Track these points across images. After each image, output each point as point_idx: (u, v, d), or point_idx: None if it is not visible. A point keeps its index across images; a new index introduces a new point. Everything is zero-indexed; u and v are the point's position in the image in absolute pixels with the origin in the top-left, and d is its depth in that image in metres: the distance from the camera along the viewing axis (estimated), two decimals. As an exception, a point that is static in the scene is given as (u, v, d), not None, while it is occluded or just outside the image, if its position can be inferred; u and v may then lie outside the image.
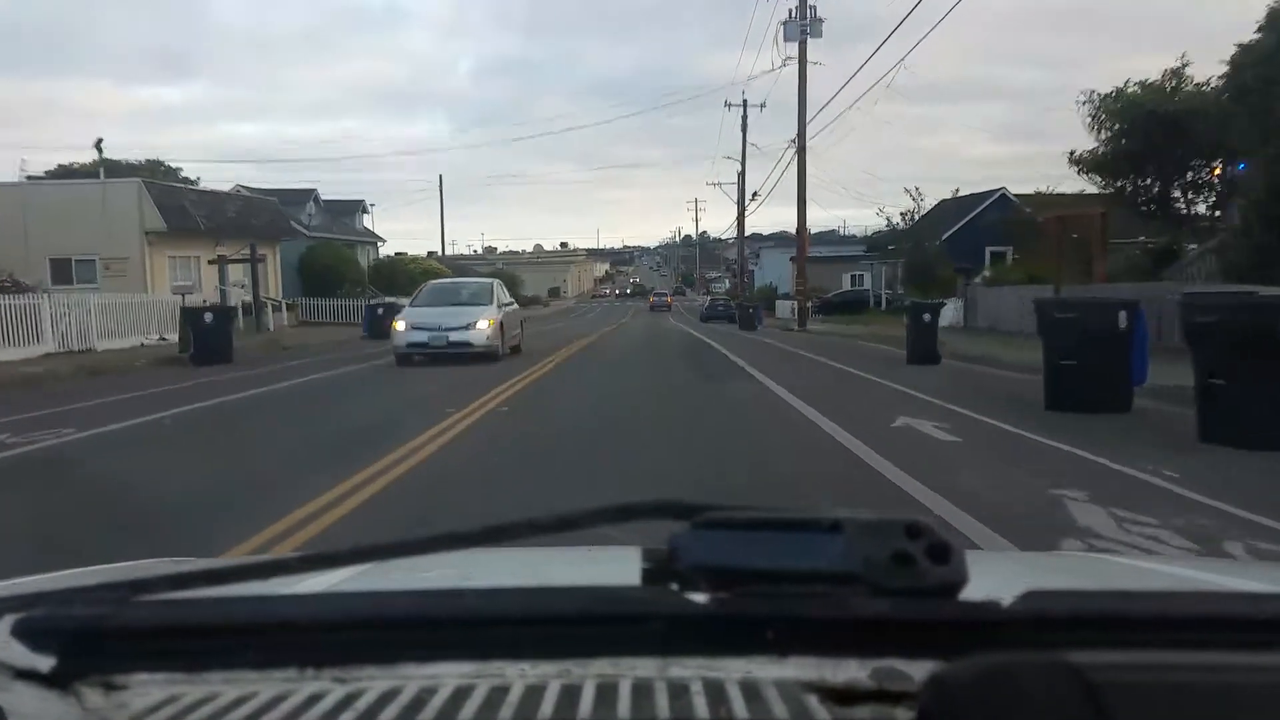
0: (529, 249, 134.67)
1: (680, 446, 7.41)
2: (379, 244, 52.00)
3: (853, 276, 61.06)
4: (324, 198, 53.84)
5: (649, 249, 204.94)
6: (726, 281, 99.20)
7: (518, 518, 0.76)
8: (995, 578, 1.19)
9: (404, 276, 48.17)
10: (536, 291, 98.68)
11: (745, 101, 58.67)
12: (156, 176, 38.63)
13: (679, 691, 0.70)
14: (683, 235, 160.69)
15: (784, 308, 51.08)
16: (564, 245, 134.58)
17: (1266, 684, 0.61)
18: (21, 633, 0.72)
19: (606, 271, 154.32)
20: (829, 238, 79.44)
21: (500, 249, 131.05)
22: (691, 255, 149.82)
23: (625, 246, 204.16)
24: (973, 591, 0.70)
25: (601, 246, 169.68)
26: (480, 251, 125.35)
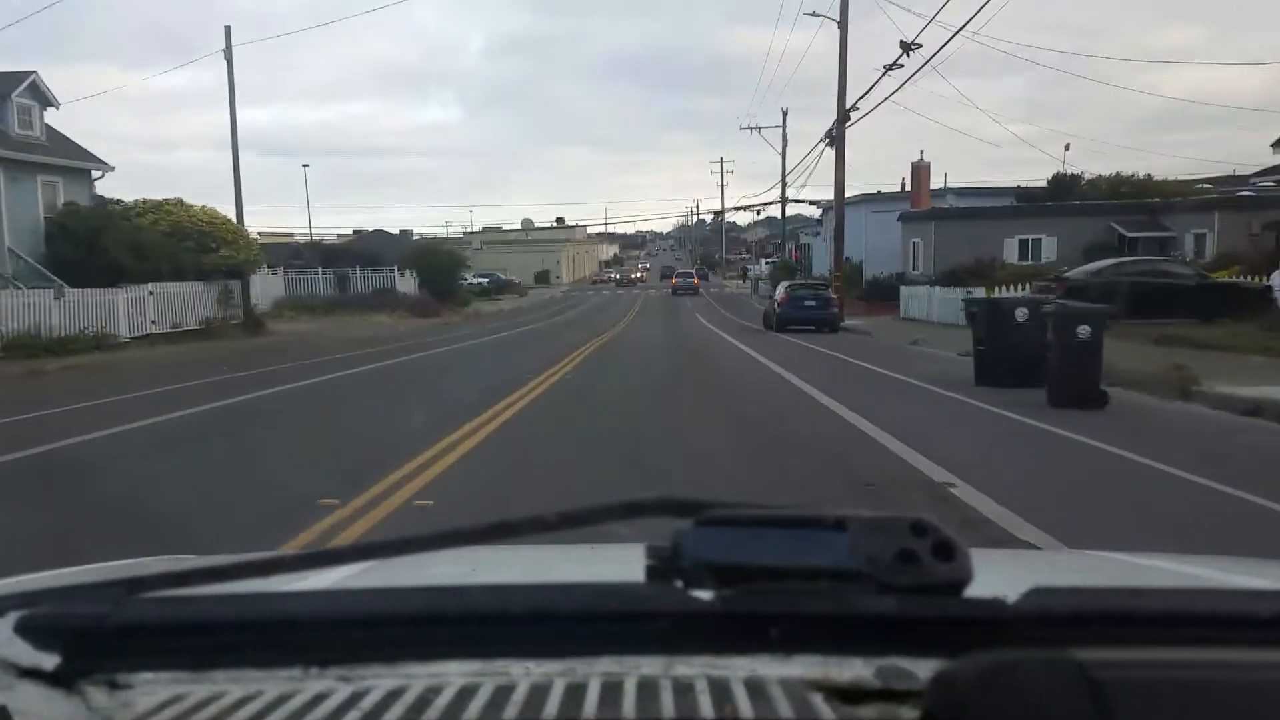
0: (517, 225, 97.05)
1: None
2: (93, 173, 17.83)
3: (1024, 243, 35.42)
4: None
5: (662, 234, 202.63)
6: (763, 263, 78.29)
7: (522, 515, 0.77)
8: (1000, 575, 1.20)
9: (120, 241, 23.52)
10: (522, 276, 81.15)
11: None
12: None
13: (684, 690, 0.71)
14: (696, 218, 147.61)
15: (922, 300, 29.59)
16: (560, 221, 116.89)
17: (1269, 680, 0.62)
18: (25, 631, 0.73)
19: (615, 254, 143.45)
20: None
21: (483, 224, 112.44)
22: (709, 238, 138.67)
23: (637, 231, 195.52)
24: (978, 589, 0.71)
25: (611, 230, 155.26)
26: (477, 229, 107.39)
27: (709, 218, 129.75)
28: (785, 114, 58.66)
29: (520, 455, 7.63)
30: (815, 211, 64.22)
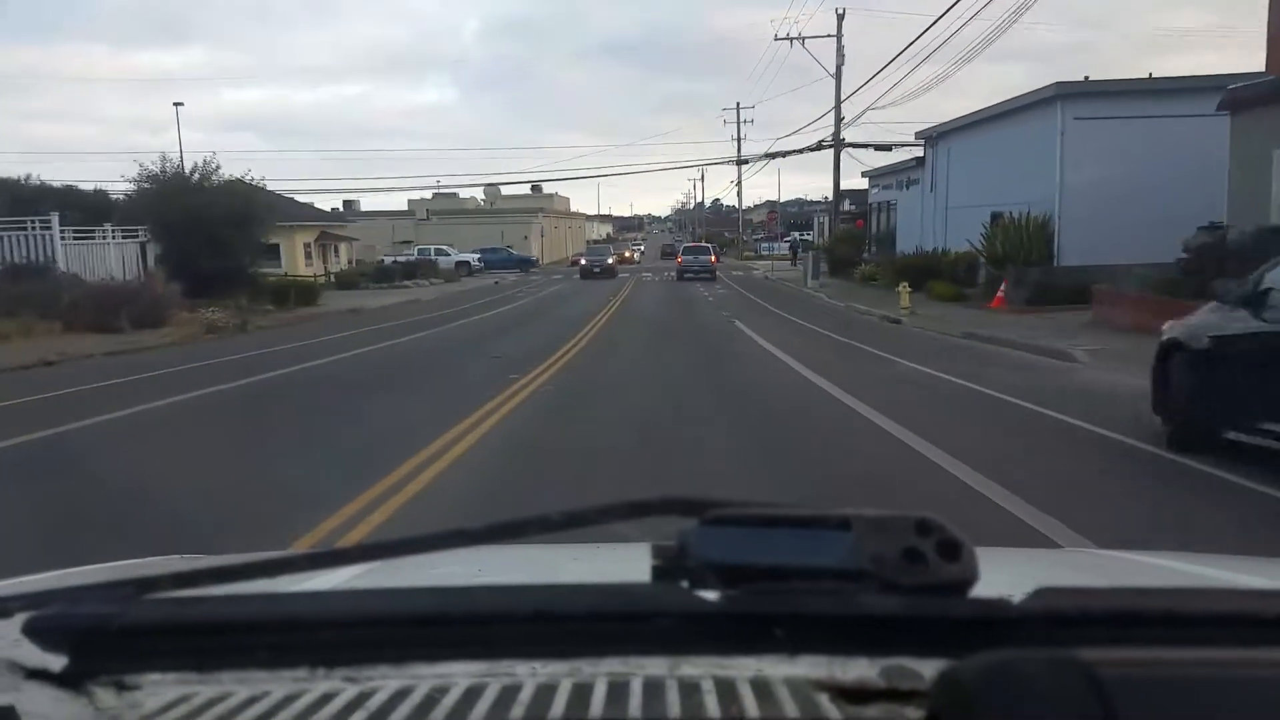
0: (480, 194, 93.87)
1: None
2: None
3: None
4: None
5: (660, 218, 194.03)
6: (795, 238, 64.67)
7: (527, 515, 0.81)
8: (1005, 575, 1.25)
9: None
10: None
11: None
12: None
13: (690, 690, 0.74)
14: (700, 196, 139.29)
15: None
16: (536, 189, 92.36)
17: (1273, 679, 0.64)
18: (33, 632, 0.76)
19: (609, 235, 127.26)
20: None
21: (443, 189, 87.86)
22: (709, 220, 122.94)
23: (634, 215, 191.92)
24: (983, 589, 0.74)
25: (606, 213, 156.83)
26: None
27: (710, 200, 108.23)
28: (841, 16, 41.63)
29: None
30: (860, 167, 40.88)
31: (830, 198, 43.36)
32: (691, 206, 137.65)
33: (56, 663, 0.75)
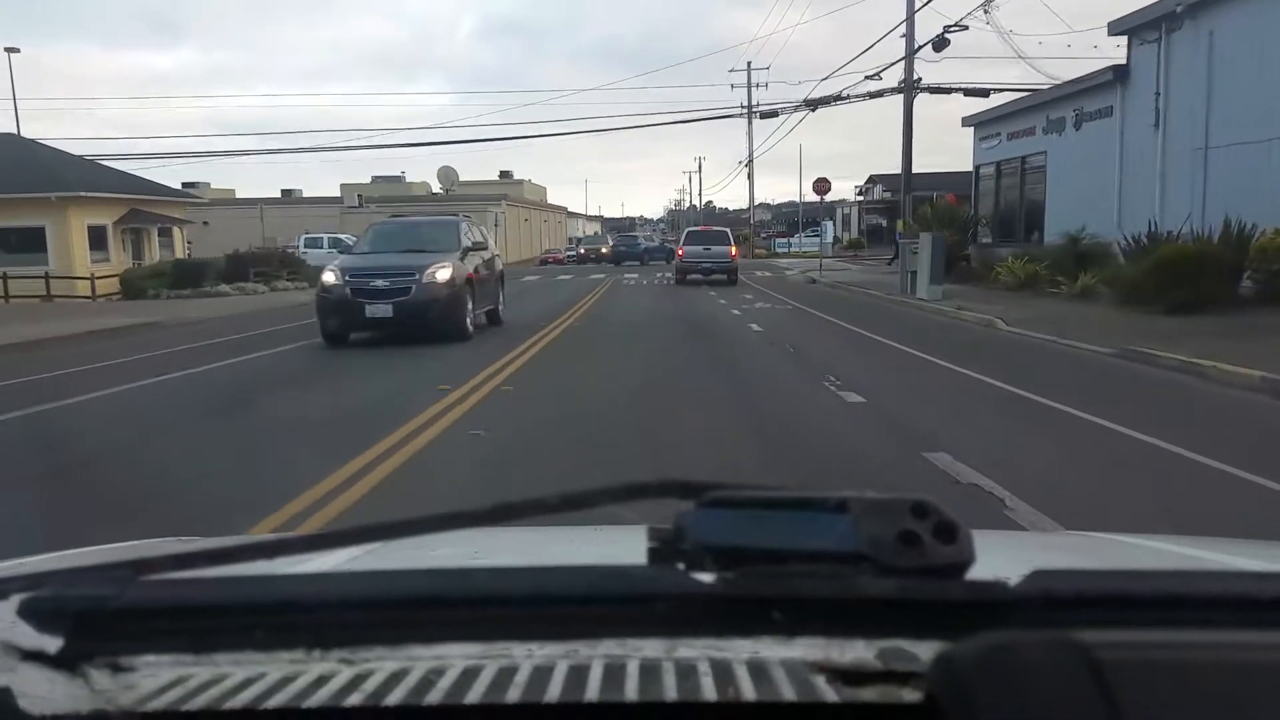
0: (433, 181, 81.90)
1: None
2: None
3: None
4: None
5: (652, 220, 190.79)
6: (827, 227, 50.27)
7: (524, 497, 0.87)
8: (1002, 557, 1.29)
9: None
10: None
11: None
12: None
13: (686, 672, 0.76)
14: (690, 203, 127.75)
15: None
16: (505, 175, 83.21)
17: (1270, 662, 0.67)
18: (28, 613, 0.78)
19: (595, 233, 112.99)
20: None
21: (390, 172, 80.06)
22: (700, 221, 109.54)
23: (625, 216, 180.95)
24: (980, 571, 0.76)
25: (596, 213, 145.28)
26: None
27: (704, 203, 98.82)
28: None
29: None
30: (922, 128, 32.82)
31: (888, 185, 28.41)
32: (685, 206, 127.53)
33: (52, 644, 0.76)
